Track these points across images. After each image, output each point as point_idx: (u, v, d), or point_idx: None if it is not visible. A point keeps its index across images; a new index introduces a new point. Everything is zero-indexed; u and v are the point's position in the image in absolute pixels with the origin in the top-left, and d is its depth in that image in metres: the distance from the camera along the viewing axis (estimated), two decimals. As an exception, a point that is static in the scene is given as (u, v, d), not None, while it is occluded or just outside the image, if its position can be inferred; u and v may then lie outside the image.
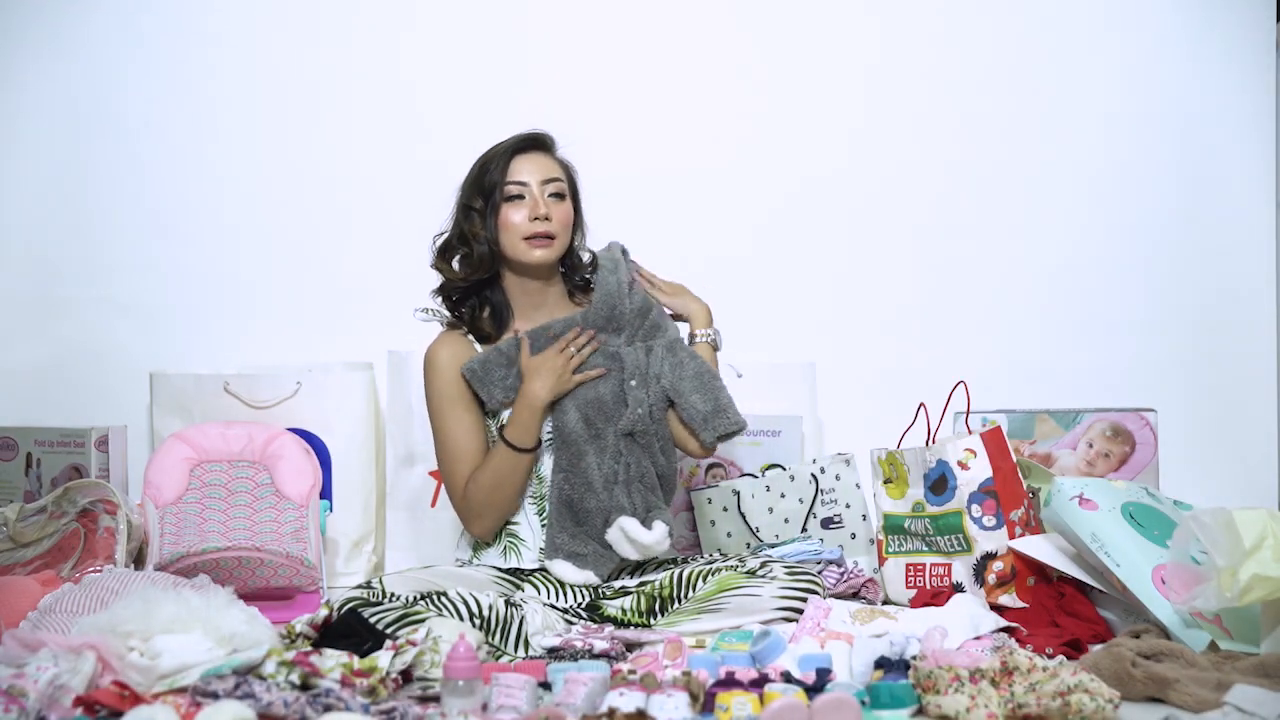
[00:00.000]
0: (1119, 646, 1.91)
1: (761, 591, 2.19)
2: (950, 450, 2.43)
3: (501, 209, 2.38)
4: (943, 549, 2.45)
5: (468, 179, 2.44)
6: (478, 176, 2.42)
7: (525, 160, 2.41)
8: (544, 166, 2.42)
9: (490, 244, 2.39)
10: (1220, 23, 3.19)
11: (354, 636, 2.03)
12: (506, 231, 2.38)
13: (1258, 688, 1.75)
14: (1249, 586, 1.95)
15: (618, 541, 2.32)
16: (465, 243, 2.41)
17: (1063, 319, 3.19)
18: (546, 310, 2.45)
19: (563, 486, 2.34)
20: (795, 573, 2.24)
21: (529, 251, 2.38)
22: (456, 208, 2.44)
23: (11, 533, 2.54)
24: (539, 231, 2.38)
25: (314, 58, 3.22)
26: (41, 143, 3.22)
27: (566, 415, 2.36)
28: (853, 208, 3.22)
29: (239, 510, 2.65)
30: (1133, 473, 2.82)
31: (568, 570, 2.32)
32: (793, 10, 3.22)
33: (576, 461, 2.34)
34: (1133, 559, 2.16)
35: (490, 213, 2.39)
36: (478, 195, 2.40)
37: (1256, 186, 3.18)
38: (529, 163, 2.41)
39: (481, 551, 2.43)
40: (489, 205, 2.39)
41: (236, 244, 3.21)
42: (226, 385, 2.88)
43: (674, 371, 2.39)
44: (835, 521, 2.71)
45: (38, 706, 1.72)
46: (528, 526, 2.40)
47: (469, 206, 2.41)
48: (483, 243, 2.39)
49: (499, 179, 2.39)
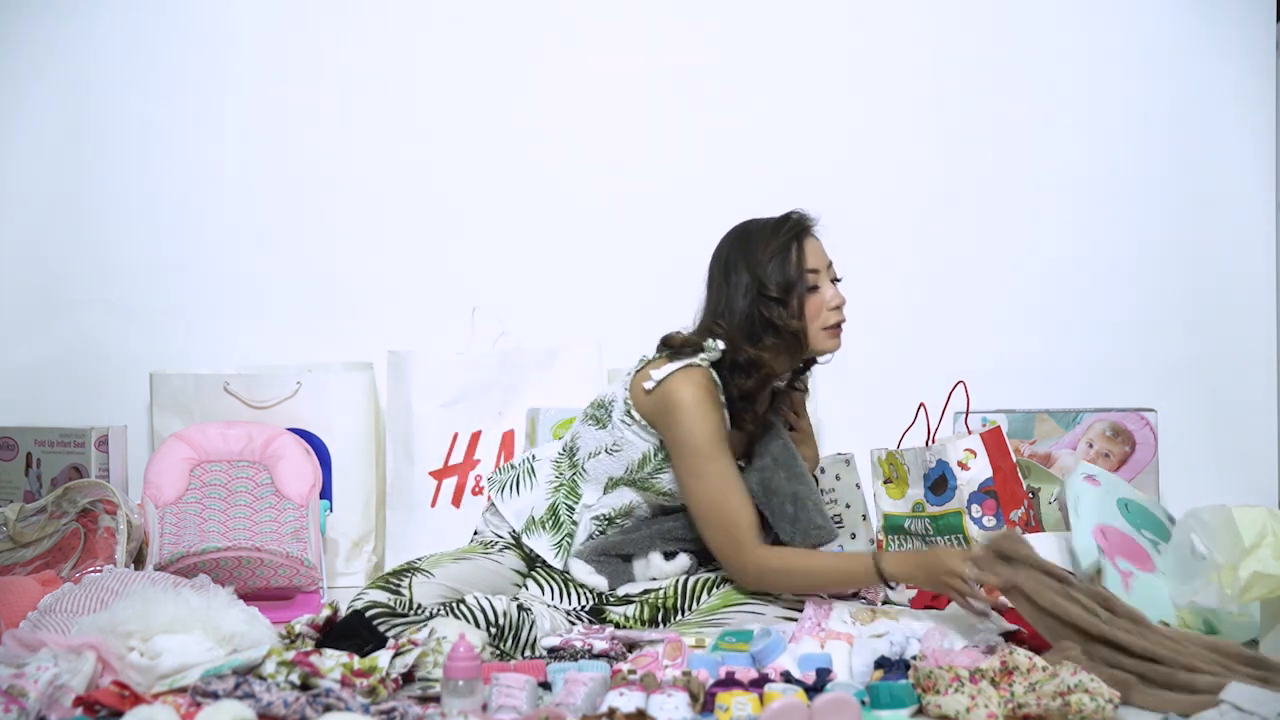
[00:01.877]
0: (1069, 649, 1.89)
1: (765, 611, 2.20)
2: (950, 450, 2.43)
3: (806, 298, 2.30)
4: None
5: (753, 261, 2.30)
6: (772, 264, 2.29)
7: (812, 246, 2.33)
8: (823, 251, 2.35)
9: (802, 334, 2.29)
10: (1220, 23, 3.19)
11: (354, 637, 2.03)
12: (811, 321, 2.29)
13: (1255, 686, 1.75)
14: (1249, 584, 1.96)
15: (640, 571, 2.35)
16: (776, 333, 2.28)
17: (1063, 319, 3.19)
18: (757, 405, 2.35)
19: (614, 540, 2.34)
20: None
21: (826, 340, 2.31)
22: (749, 296, 2.29)
23: (11, 533, 2.54)
24: (837, 321, 2.32)
25: (314, 58, 3.22)
26: (41, 143, 3.22)
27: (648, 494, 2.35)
28: (852, 207, 3.20)
29: (239, 510, 2.65)
30: (1133, 473, 2.82)
31: (583, 571, 2.33)
32: (786, 9, 3.22)
33: (641, 526, 2.35)
34: (1087, 514, 2.24)
35: (794, 302, 2.28)
36: (774, 285, 2.28)
37: (1256, 186, 3.18)
38: (813, 247, 2.33)
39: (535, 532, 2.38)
40: (794, 294, 2.29)
41: (236, 244, 3.21)
42: (226, 385, 2.88)
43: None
44: (835, 521, 2.71)
45: (38, 706, 1.72)
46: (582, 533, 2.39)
47: (769, 297, 2.27)
48: (794, 331, 2.27)
49: (797, 273, 2.29)
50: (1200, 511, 2.07)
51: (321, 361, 3.02)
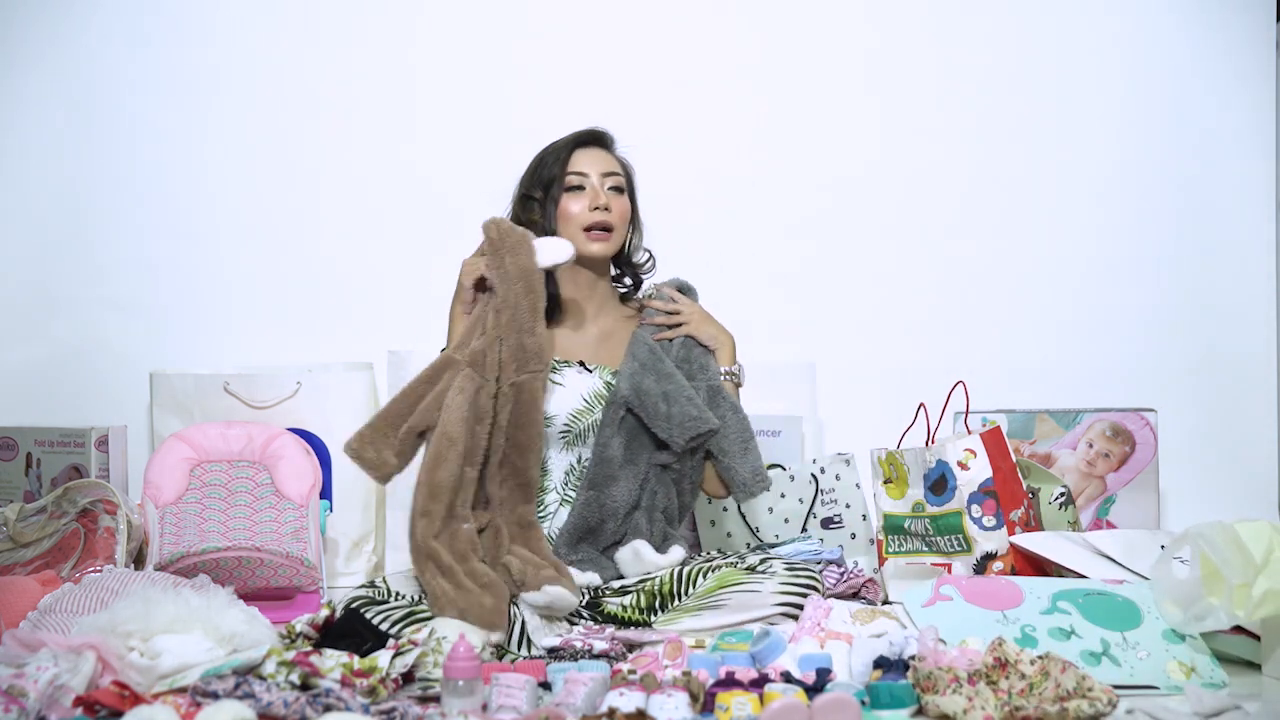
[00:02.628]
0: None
1: (762, 587, 2.19)
2: (950, 450, 2.43)
3: (561, 200, 2.40)
4: (943, 549, 2.45)
5: (528, 171, 2.45)
6: (536, 168, 2.43)
7: (586, 154, 2.43)
8: (604, 160, 2.44)
9: (549, 233, 2.38)
10: (1220, 23, 3.19)
11: (354, 636, 2.03)
12: (565, 221, 2.39)
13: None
14: (1262, 601, 1.92)
15: (625, 561, 2.33)
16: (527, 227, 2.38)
17: (1063, 319, 3.20)
18: (594, 305, 2.47)
19: (586, 509, 2.34)
20: (795, 569, 2.24)
21: (586, 243, 2.39)
22: (515, 198, 2.45)
23: (11, 533, 2.54)
24: (598, 222, 2.39)
25: (313, 58, 3.22)
26: (42, 142, 3.22)
27: (610, 440, 2.36)
28: (853, 208, 3.22)
29: (239, 510, 2.65)
30: (1133, 473, 2.82)
31: (573, 572, 2.32)
32: (798, 13, 3.22)
33: (607, 486, 2.35)
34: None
35: (549, 203, 2.40)
36: (537, 186, 2.41)
37: (1256, 186, 3.19)
38: (589, 156, 2.43)
39: None
40: (548, 196, 2.40)
41: (237, 244, 3.21)
42: (226, 385, 2.88)
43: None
44: (835, 521, 2.71)
45: (38, 706, 1.72)
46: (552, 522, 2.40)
47: (528, 196, 2.42)
48: (541, 231, 2.38)
49: (559, 171, 2.40)
50: (1204, 529, 2.01)
51: (321, 361, 3.02)
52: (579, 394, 2.39)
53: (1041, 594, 2.08)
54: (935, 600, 2.08)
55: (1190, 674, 1.95)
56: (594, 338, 2.47)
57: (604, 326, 2.48)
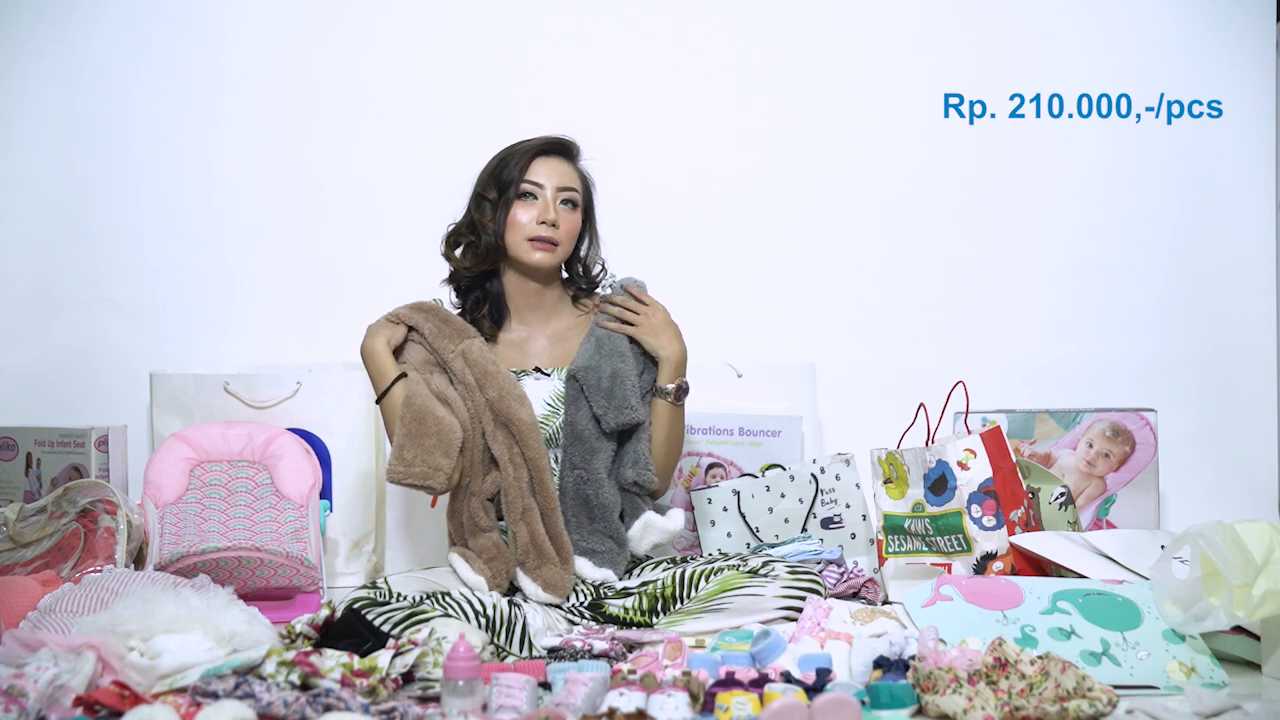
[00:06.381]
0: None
1: (764, 591, 2.19)
2: (950, 450, 2.43)
3: (513, 205, 2.40)
4: (943, 549, 2.45)
5: (485, 169, 2.45)
6: (496, 169, 2.43)
7: (545, 163, 2.42)
8: (562, 173, 2.43)
9: (497, 237, 2.40)
10: (1220, 23, 3.19)
11: (354, 636, 2.03)
12: (513, 229, 2.40)
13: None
14: (1261, 601, 1.92)
15: (637, 537, 2.37)
16: (474, 232, 2.43)
17: (1063, 319, 3.20)
18: (543, 312, 2.47)
19: (580, 484, 2.36)
20: (797, 572, 2.24)
21: (530, 253, 2.40)
22: (471, 196, 2.46)
23: (11, 533, 2.54)
24: (543, 235, 2.39)
25: (313, 59, 3.22)
26: (41, 143, 3.22)
27: (576, 416, 2.37)
28: (853, 209, 3.22)
29: (239, 510, 2.65)
30: (1133, 473, 2.82)
31: (586, 567, 2.33)
32: (793, 14, 3.22)
33: (590, 460, 2.36)
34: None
35: (502, 207, 2.40)
36: (493, 187, 2.42)
37: (1256, 186, 3.18)
38: (548, 166, 2.42)
39: None
40: (502, 199, 2.41)
41: (236, 244, 3.21)
42: (226, 385, 2.88)
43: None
44: (835, 521, 2.71)
45: (38, 706, 1.72)
46: None
47: (483, 196, 2.43)
48: (490, 234, 2.40)
49: (516, 175, 2.40)
50: (1204, 529, 2.00)
51: (321, 361, 3.02)
52: (541, 399, 2.41)
53: (1041, 594, 2.08)
54: (935, 600, 2.08)
55: (1190, 674, 1.96)
56: (547, 341, 2.49)
57: (557, 329, 2.49)
